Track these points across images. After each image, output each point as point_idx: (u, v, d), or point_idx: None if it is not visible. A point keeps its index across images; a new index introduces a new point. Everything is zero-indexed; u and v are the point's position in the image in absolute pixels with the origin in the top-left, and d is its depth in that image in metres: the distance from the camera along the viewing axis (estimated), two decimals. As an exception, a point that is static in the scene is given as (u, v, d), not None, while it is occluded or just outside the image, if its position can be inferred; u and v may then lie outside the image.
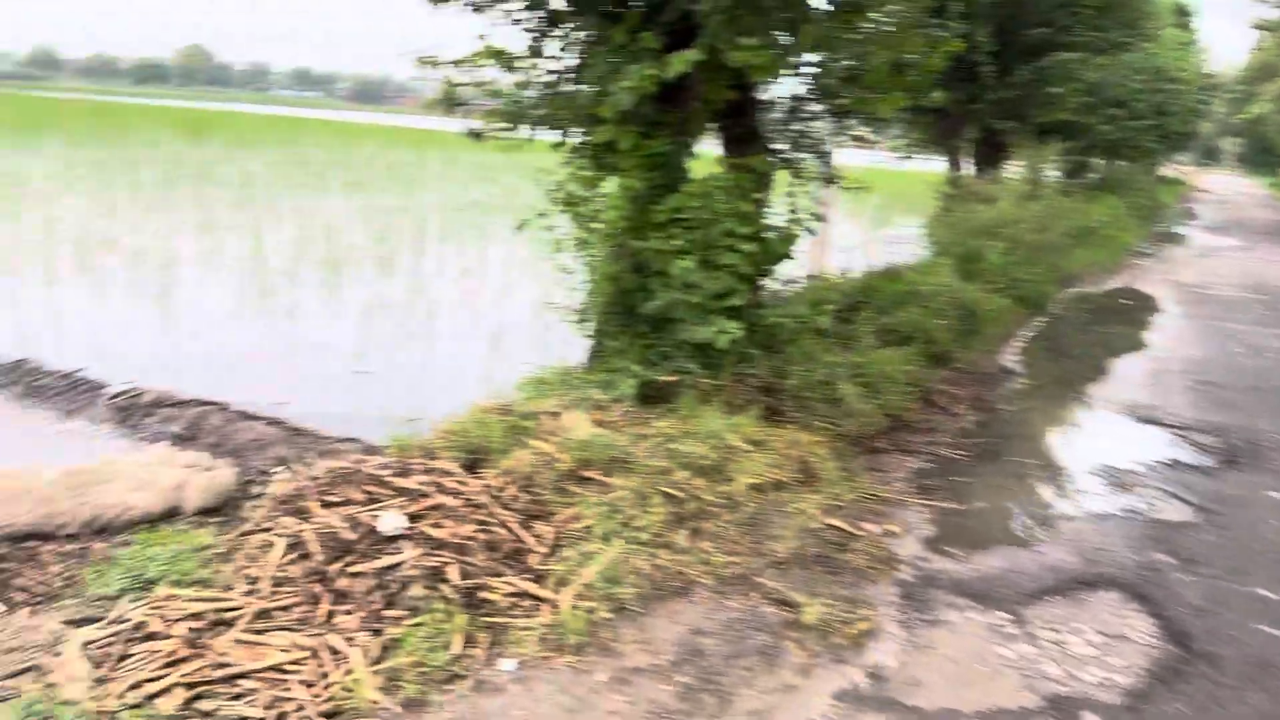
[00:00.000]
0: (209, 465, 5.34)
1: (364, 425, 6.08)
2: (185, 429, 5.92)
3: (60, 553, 4.43)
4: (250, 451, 5.61)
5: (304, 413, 6.33)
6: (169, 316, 8.59)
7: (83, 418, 6.22)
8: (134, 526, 4.79)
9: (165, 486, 5.00)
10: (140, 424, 6.09)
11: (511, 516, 3.69)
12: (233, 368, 7.26)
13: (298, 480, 4.37)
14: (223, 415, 5.96)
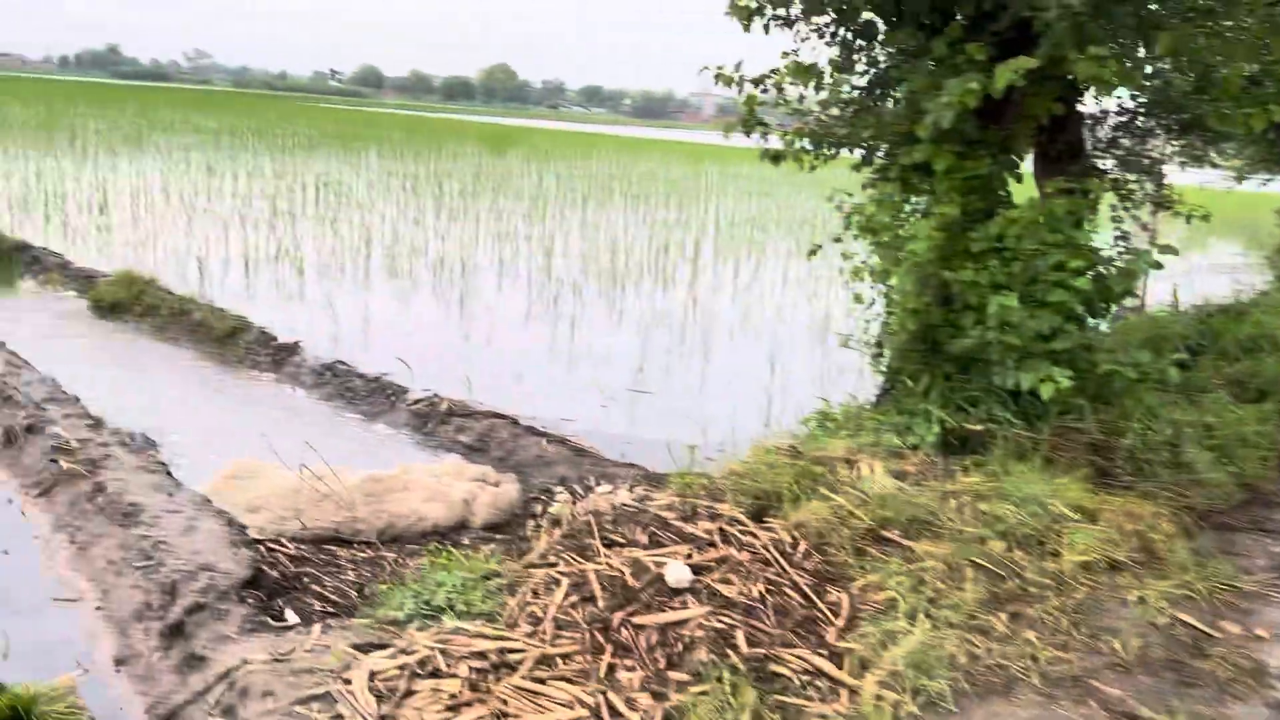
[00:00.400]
0: (496, 480, 5.39)
1: (643, 450, 5.96)
2: (476, 440, 6.05)
3: (355, 559, 4.58)
4: (534, 468, 5.63)
5: (585, 430, 6.32)
6: (464, 324, 8.96)
7: (385, 421, 6.52)
8: (424, 537, 4.90)
9: (455, 500, 5.08)
10: (435, 432, 6.29)
11: (803, 578, 3.36)
12: (521, 378, 7.42)
13: (581, 512, 4.26)
14: (510, 429, 6.04)
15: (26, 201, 13.59)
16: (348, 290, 9.94)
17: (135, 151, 22.58)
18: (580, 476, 5.42)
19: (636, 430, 6.43)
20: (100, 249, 11.01)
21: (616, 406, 6.93)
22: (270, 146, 27.39)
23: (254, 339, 7.77)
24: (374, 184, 19.75)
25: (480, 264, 11.96)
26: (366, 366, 7.25)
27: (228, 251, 11.14)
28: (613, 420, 6.62)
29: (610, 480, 5.30)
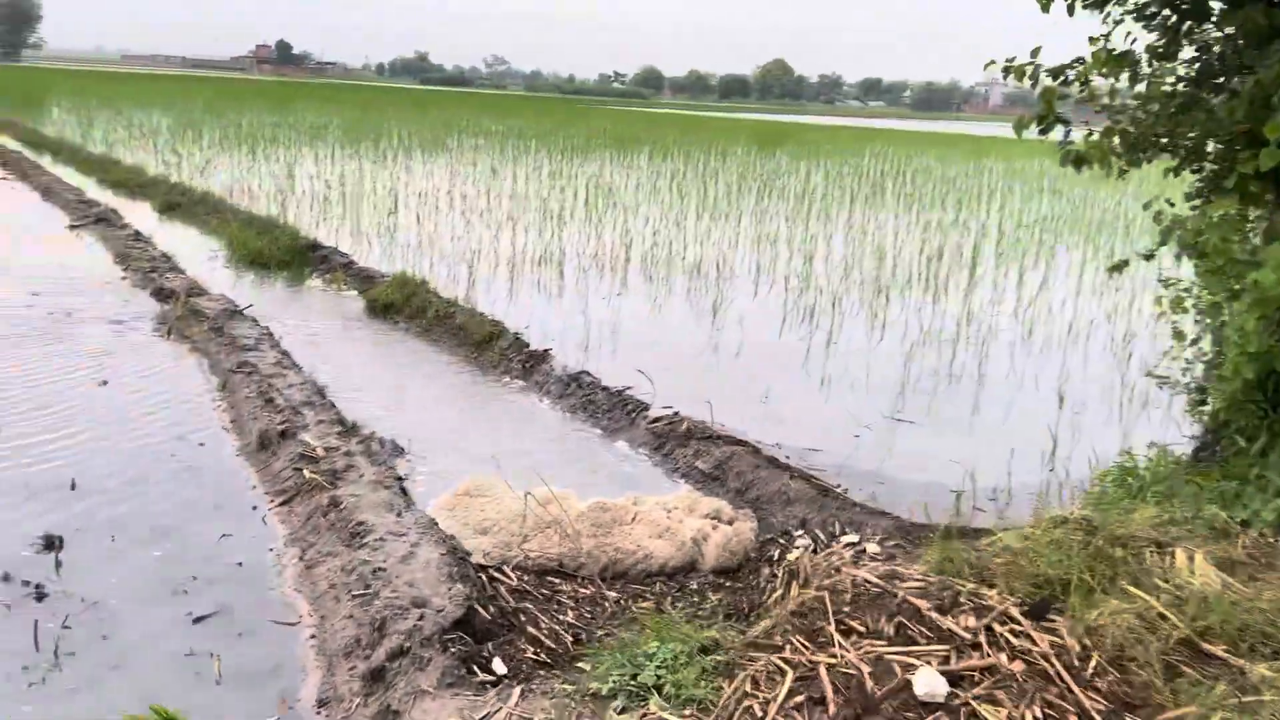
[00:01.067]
0: (730, 517, 4.94)
1: (898, 492, 5.32)
2: (713, 468, 5.63)
3: (577, 597, 4.28)
4: (774, 506, 5.12)
5: (833, 463, 5.74)
6: (714, 334, 8.58)
7: (623, 439, 6.25)
8: (650, 578, 4.54)
9: (685, 538, 4.68)
10: (673, 454, 5.94)
11: (1095, 702, 2.65)
12: (767, 398, 6.93)
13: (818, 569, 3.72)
14: (751, 458, 5.57)
15: (327, 201, 14.68)
16: (602, 295, 9.85)
17: (430, 155, 24.09)
18: (824, 520, 4.85)
19: (892, 467, 5.77)
20: (385, 250, 11.60)
21: (871, 437, 6.28)
22: (550, 149, 28.43)
23: (508, 345, 7.78)
24: (641, 185, 19.88)
25: (737, 269, 11.56)
26: (611, 378, 7.03)
27: (497, 254, 11.41)
28: (866, 453, 5.98)
29: (857, 528, 4.70)
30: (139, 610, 3.81)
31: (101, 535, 4.38)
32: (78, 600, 3.83)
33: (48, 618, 3.69)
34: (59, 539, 4.27)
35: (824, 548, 4.63)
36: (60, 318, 8.04)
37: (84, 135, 24.01)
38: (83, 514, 4.57)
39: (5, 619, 3.66)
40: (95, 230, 11.97)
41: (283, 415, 5.61)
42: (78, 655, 3.49)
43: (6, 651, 3.47)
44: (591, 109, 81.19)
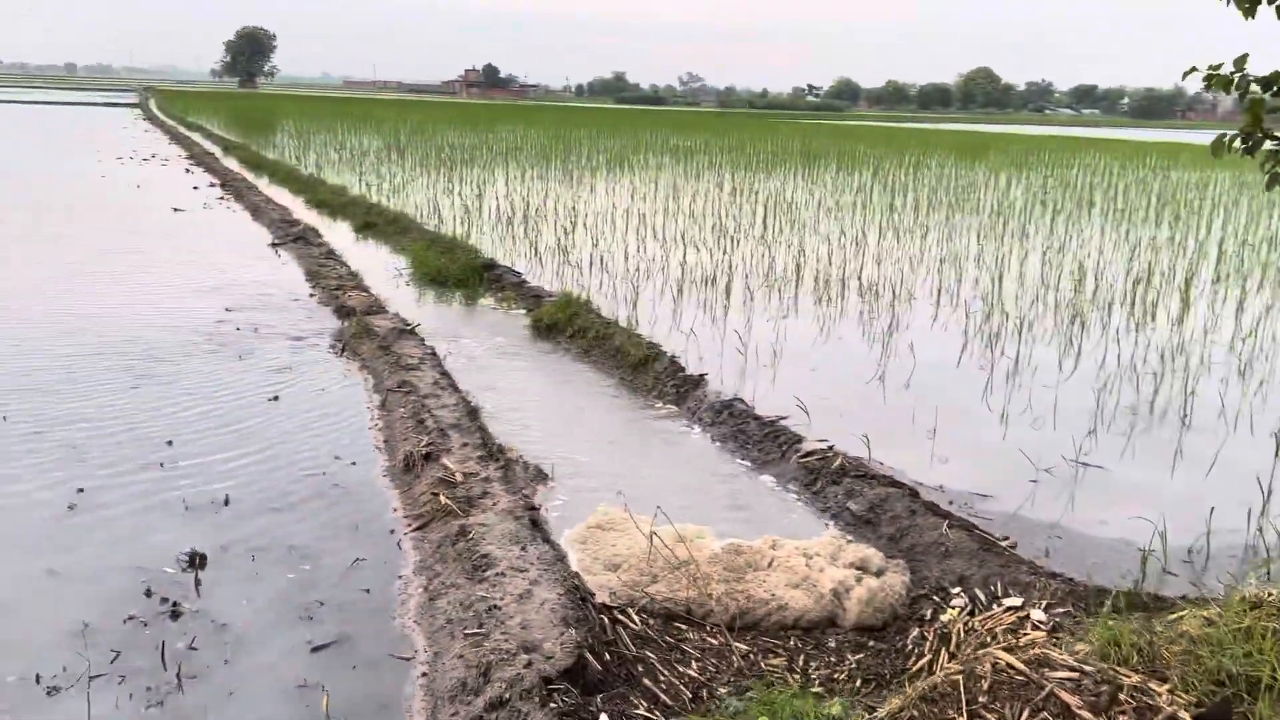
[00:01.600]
0: (879, 567, 4.56)
1: (1076, 548, 4.77)
2: (865, 510, 5.23)
3: (702, 648, 4.03)
4: (929, 558, 4.69)
5: (1004, 511, 5.23)
6: (883, 361, 8.11)
7: (772, 472, 5.94)
8: (783, 631, 4.22)
9: (824, 590, 4.34)
10: (823, 492, 5.58)
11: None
12: (934, 433, 6.42)
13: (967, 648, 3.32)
14: (909, 502, 5.14)
15: (509, 221, 15.03)
16: (768, 318, 9.53)
17: (614, 173, 24.40)
18: (985, 578, 4.39)
19: (1073, 519, 5.18)
20: (556, 268, 11.71)
21: (1052, 483, 5.69)
22: (733, 165, 28.25)
23: (663, 368, 7.61)
24: (824, 201, 19.36)
25: (917, 290, 10.96)
26: (766, 406, 6.73)
27: (665, 274, 11.30)
28: (1043, 501, 5.41)
29: (1022, 590, 4.21)
30: (263, 634, 3.85)
31: (243, 554, 4.49)
32: (208, 621, 3.91)
33: (178, 637, 3.77)
34: (202, 556, 4.40)
35: (983, 610, 4.18)
36: (248, 333, 8.50)
37: (299, 157, 25.75)
38: (230, 532, 4.71)
39: (140, 636, 3.77)
40: (293, 248, 12.70)
41: (429, 437, 5.64)
42: (198, 679, 3.54)
43: (136, 669, 3.56)
44: (782, 123, 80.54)
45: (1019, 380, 7.69)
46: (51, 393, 6.59)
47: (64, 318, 8.61)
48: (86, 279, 10.48)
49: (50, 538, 4.53)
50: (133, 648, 3.68)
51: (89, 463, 5.44)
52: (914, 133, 61.95)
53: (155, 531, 4.67)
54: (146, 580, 4.18)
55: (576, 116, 69.33)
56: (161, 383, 6.95)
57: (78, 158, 26.08)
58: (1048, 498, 5.44)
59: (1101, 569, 4.48)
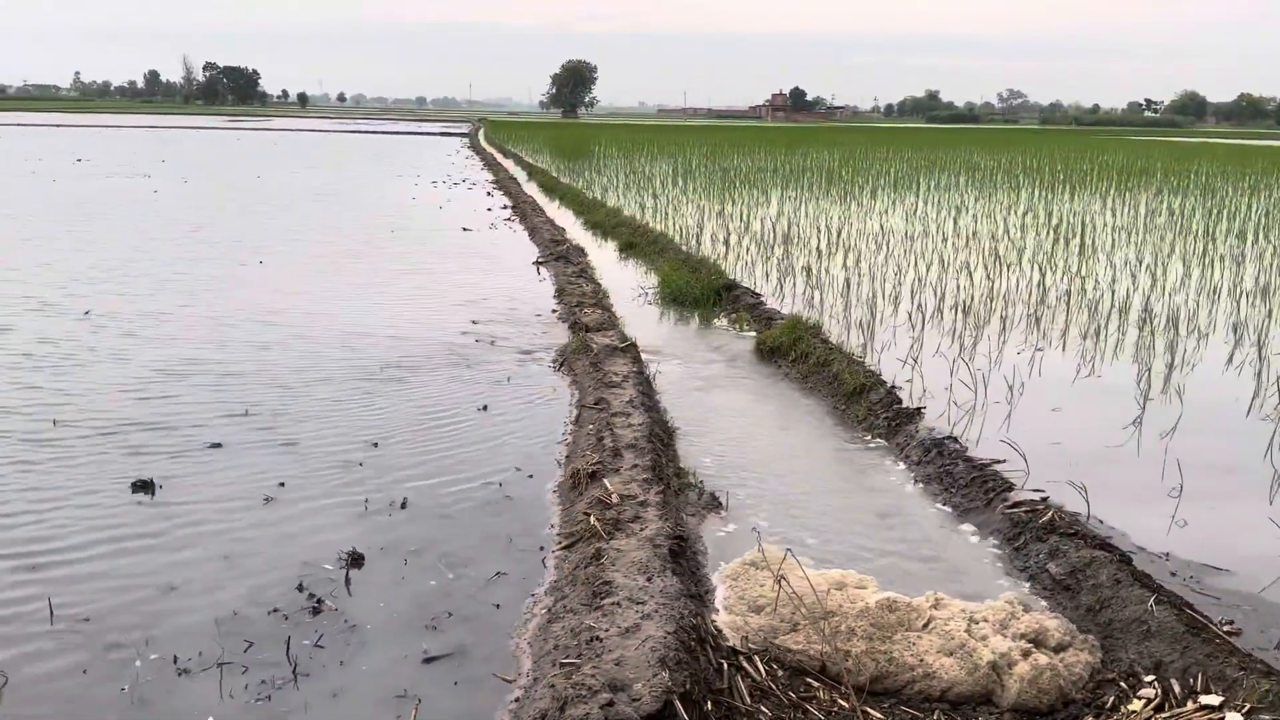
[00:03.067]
0: (1059, 642, 3.94)
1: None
2: (1065, 574, 4.55)
3: (827, 710, 3.65)
4: (1127, 636, 3.98)
5: (1242, 591, 4.37)
6: (1143, 405, 7.10)
7: (973, 522, 5.33)
8: (927, 703, 3.74)
9: (981, 661, 3.80)
10: (1025, 549, 4.92)
11: None
12: (1181, 493, 5.49)
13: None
14: (1116, 569, 4.40)
15: (765, 243, 14.83)
16: (1020, 350, 8.68)
17: (899, 193, 23.51)
18: (1186, 668, 3.65)
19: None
20: (801, 291, 11.37)
21: (1316, 559, 4.68)
22: (1035, 184, 26.34)
23: (879, 399, 7.11)
24: (1128, 225, 17.52)
25: (1214, 328, 9.57)
26: (982, 448, 6.09)
27: (917, 299, 10.64)
28: (1294, 578, 4.46)
29: (1228, 687, 3.46)
30: (386, 639, 3.93)
31: (399, 558, 4.63)
32: (342, 620, 4.05)
33: (309, 633, 3.94)
34: (360, 556, 4.58)
35: (1176, 705, 3.49)
36: (485, 345, 8.92)
37: (588, 182, 27.01)
38: (397, 535, 4.88)
39: (278, 629, 3.97)
40: (553, 266, 13.26)
41: (601, 455, 5.58)
42: (311, 677, 3.66)
43: (261, 661, 3.74)
44: (1110, 140, 74.36)
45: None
46: (297, 394, 7.22)
47: (330, 330, 9.45)
48: (365, 296, 11.48)
49: (240, 528, 4.92)
50: (267, 639, 3.88)
51: (300, 459, 5.89)
52: (1266, 150, 54.92)
53: (332, 529, 4.93)
54: (304, 575, 4.41)
55: (878, 137, 67.81)
56: (391, 389, 7.43)
57: (400, 182, 28.94)
58: (1304, 576, 4.47)
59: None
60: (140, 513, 5.08)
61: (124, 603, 4.16)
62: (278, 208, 20.95)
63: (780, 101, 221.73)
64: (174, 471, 5.63)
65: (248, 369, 7.86)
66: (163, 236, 15.79)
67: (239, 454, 5.95)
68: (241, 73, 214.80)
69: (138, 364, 7.94)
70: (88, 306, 10.04)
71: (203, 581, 4.36)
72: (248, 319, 9.72)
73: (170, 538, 4.79)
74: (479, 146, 54.66)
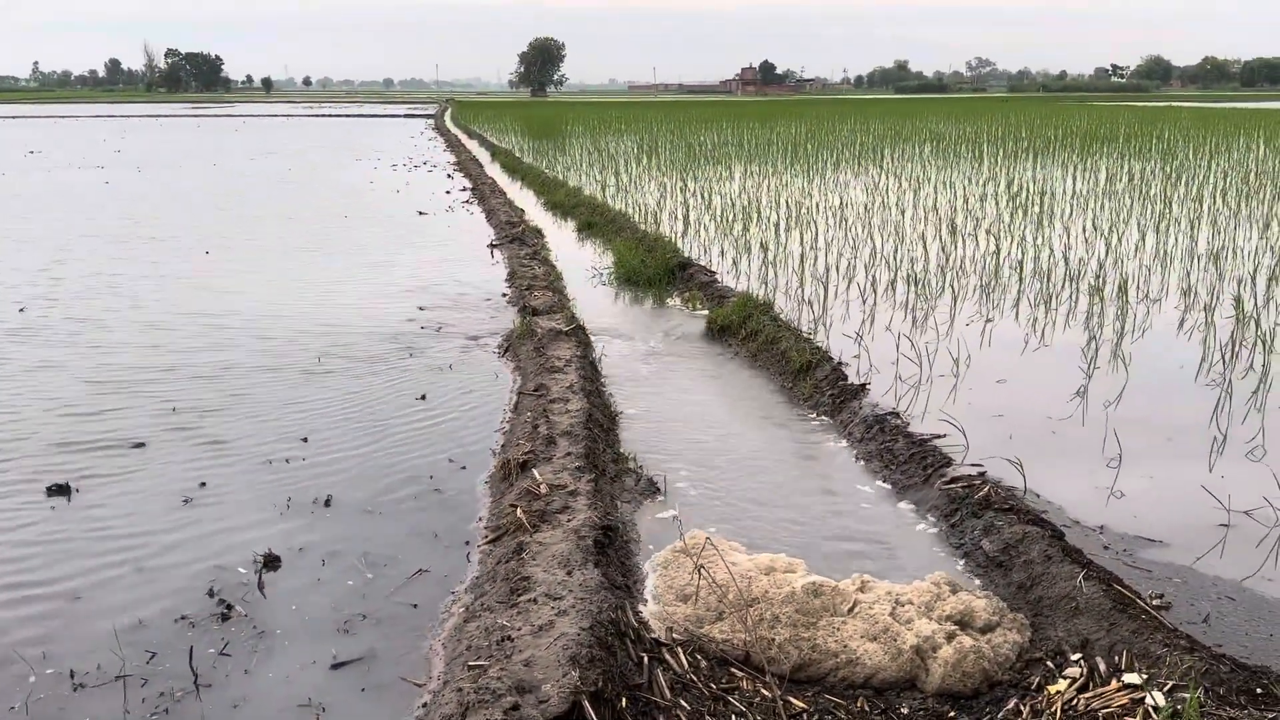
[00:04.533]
0: (986, 622, 3.87)
1: (1251, 617, 3.81)
2: (999, 551, 4.47)
3: (749, 701, 3.56)
4: (1055, 613, 3.91)
5: (1176, 564, 4.31)
6: (1091, 377, 7.05)
7: (911, 499, 5.26)
8: (850, 690, 3.65)
9: (905, 645, 3.71)
10: (961, 525, 4.84)
11: None
12: (1124, 462, 5.43)
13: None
14: (1048, 544, 4.33)
15: (725, 219, 14.68)
16: (969, 321, 8.60)
17: (860, 165, 23.40)
18: (1112, 645, 3.58)
19: (1260, 579, 4.16)
20: (755, 269, 11.24)
21: (1252, 531, 4.62)
22: (998, 153, 26.31)
23: (824, 376, 7.02)
24: (1088, 192, 17.49)
25: (1165, 293, 9.54)
26: (925, 424, 6.01)
27: (870, 273, 10.54)
28: (1230, 553, 4.39)
29: (1154, 663, 3.39)
30: (296, 646, 3.79)
31: (317, 559, 4.49)
32: (250, 627, 3.91)
33: (215, 642, 3.80)
34: (275, 559, 4.44)
35: (1100, 684, 3.43)
36: (431, 332, 8.75)
37: (551, 162, 26.73)
38: (317, 535, 4.74)
39: (183, 638, 3.82)
40: (507, 249, 13.08)
41: (534, 445, 5.46)
42: (213, 687, 3.52)
43: (162, 672, 3.60)
44: (1075, 107, 74.56)
45: (1266, 401, 6.41)
46: (229, 389, 7.04)
47: (264, 317, 9.24)
48: (310, 284, 11.26)
49: (156, 531, 4.76)
50: (171, 649, 3.74)
51: (225, 457, 5.72)
52: (1229, 113, 55.18)
53: (250, 529, 4.78)
54: (216, 580, 4.27)
55: (846, 109, 67.61)
56: (328, 380, 7.26)
57: (359, 166, 28.54)
58: (1237, 550, 4.41)
59: (1274, 646, 3.53)
60: (53, 518, 4.91)
61: (24, 614, 4.01)
62: (230, 196, 20.60)
63: (750, 75, 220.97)
64: (93, 473, 5.46)
65: (178, 363, 7.67)
66: (104, 233, 15.45)
67: (162, 453, 5.78)
68: (205, 59, 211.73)
69: (63, 361, 7.72)
70: (20, 304, 9.78)
71: (110, 589, 4.21)
72: (183, 312, 9.50)
73: (81, 543, 4.63)
74: (444, 128, 54.08)
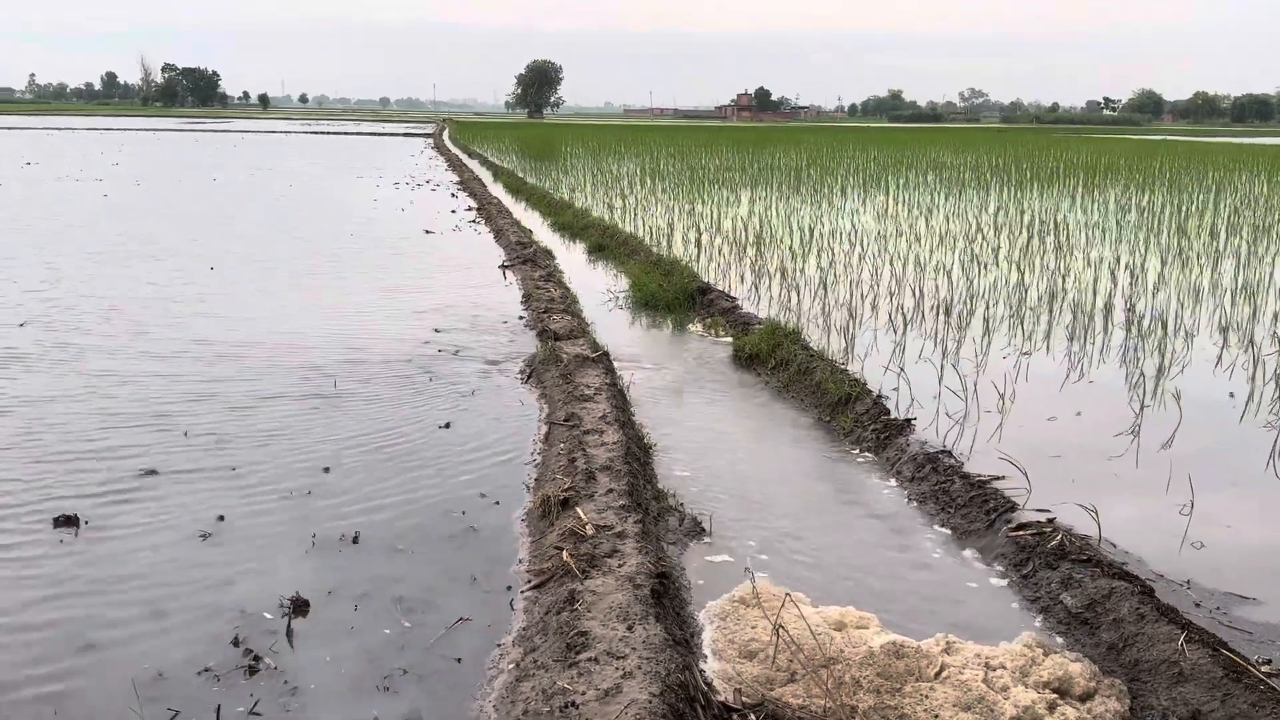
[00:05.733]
0: (1084, 690, 3.55)
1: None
2: (1082, 607, 4.17)
3: (832, 776, 3.23)
4: (1157, 679, 3.61)
5: (1270, 623, 4.01)
6: (1139, 414, 6.77)
7: (974, 546, 4.95)
8: (941, 764, 3.33)
9: (1006, 716, 3.40)
10: (1035, 577, 4.54)
11: None
12: (1192, 510, 5.15)
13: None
14: (1138, 601, 4.03)
15: (738, 244, 14.43)
16: (1008, 354, 8.33)
17: (868, 192, 23.23)
18: (1229, 718, 3.27)
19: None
20: (776, 294, 10.99)
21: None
22: (1004, 183, 26.19)
23: (865, 410, 6.73)
24: (1102, 223, 17.32)
25: (1199, 327, 9.30)
26: (981, 463, 5.72)
27: (896, 301, 10.28)
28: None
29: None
30: (329, 704, 3.45)
31: (349, 603, 4.16)
32: (281, 681, 3.57)
33: (244, 699, 3.46)
34: (304, 603, 4.11)
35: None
36: (448, 356, 8.43)
37: (555, 183, 26.50)
38: (347, 575, 4.41)
39: (207, 694, 3.49)
40: (519, 270, 12.78)
41: (574, 480, 5.14)
42: (243, 751, 3.19)
43: (187, 732, 3.27)
44: (1070, 139, 74.95)
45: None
46: (243, 413, 6.70)
47: (281, 342, 8.91)
48: (320, 305, 10.95)
49: (171, 572, 4.42)
50: (196, 706, 3.41)
51: (243, 487, 5.39)
52: (1224, 148, 55.47)
53: (275, 569, 4.45)
54: (241, 627, 3.93)
55: (843, 136, 67.74)
56: (346, 405, 6.93)
57: (361, 184, 28.26)
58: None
59: None
60: (60, 554, 4.56)
61: (33, 665, 3.66)
62: (232, 211, 20.28)
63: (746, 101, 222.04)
64: (102, 503, 5.12)
65: (189, 385, 7.33)
66: (104, 250, 15.12)
67: (175, 482, 5.43)
68: (201, 74, 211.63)
69: (69, 379, 7.38)
70: (21, 319, 9.44)
71: (126, 637, 3.86)
72: (191, 331, 9.16)
73: (92, 583, 4.29)
74: (443, 147, 53.90)
